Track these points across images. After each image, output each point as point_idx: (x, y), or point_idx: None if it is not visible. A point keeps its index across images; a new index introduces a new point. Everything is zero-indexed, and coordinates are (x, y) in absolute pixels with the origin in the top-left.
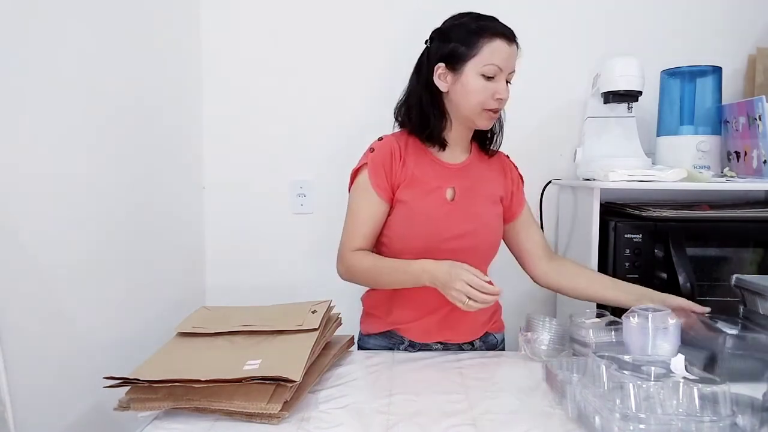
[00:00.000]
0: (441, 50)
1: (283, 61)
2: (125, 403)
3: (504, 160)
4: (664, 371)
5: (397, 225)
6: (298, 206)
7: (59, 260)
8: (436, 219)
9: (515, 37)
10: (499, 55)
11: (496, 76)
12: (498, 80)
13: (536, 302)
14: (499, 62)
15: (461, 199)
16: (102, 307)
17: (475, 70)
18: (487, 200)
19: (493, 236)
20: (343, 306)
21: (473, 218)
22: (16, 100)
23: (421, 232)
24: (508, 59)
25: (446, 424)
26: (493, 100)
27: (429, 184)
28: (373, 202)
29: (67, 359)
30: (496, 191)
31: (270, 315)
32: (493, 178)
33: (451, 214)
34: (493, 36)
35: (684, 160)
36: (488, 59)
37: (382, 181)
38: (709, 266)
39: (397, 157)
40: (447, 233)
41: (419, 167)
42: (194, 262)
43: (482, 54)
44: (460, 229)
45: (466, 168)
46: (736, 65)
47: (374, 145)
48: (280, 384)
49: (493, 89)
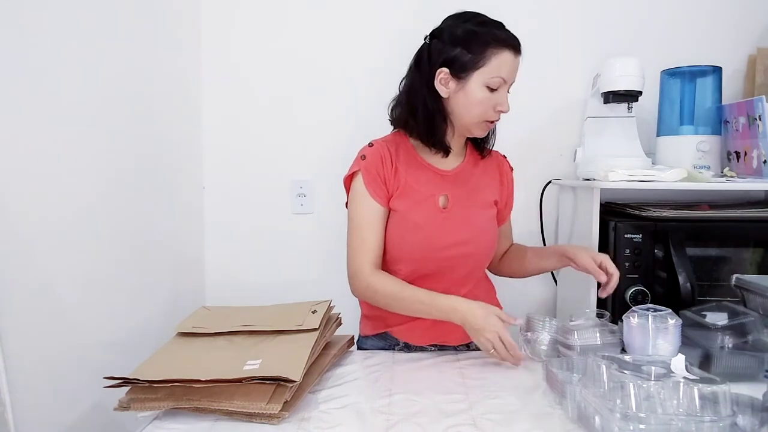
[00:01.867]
0: (444, 54)
1: (283, 61)
2: (125, 403)
3: (501, 163)
4: (665, 371)
5: (391, 233)
6: (298, 206)
7: (59, 260)
8: (429, 228)
9: (521, 47)
10: (506, 68)
11: (499, 88)
12: (501, 91)
13: (536, 302)
14: (506, 75)
15: (454, 207)
16: (102, 307)
17: (480, 81)
18: (480, 205)
19: (489, 241)
20: (343, 306)
21: (467, 225)
22: (15, 100)
23: (415, 241)
24: (513, 71)
25: (446, 424)
26: (494, 111)
27: (421, 192)
28: (374, 211)
29: (67, 359)
30: (490, 196)
31: (270, 315)
32: (487, 183)
33: (445, 222)
34: (503, 47)
35: (684, 160)
36: (496, 71)
37: (379, 187)
38: (709, 266)
39: (389, 164)
40: (441, 242)
41: (411, 174)
42: (194, 262)
43: (490, 65)
44: (455, 237)
45: (459, 174)
46: (736, 65)
47: (365, 152)
48: (280, 384)
49: (495, 101)
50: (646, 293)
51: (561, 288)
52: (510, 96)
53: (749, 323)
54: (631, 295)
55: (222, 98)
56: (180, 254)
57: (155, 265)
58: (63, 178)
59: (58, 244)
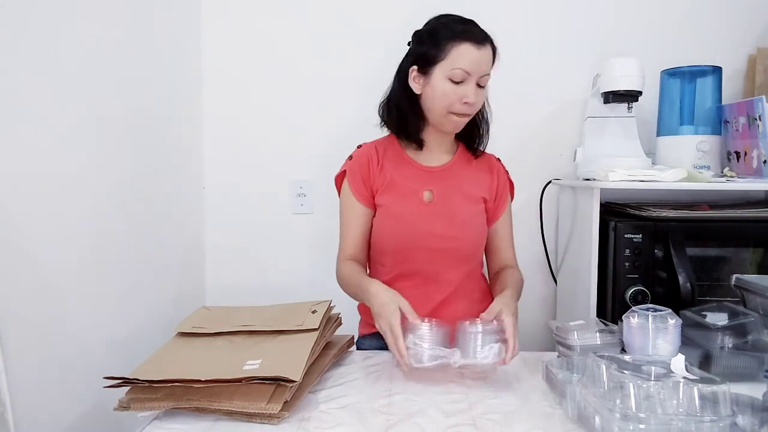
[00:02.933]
0: (414, 53)
1: (283, 61)
2: (125, 403)
3: (493, 163)
4: (665, 371)
5: (376, 227)
6: (298, 206)
7: (59, 260)
8: (411, 220)
9: (488, 40)
10: (466, 60)
11: (464, 81)
12: (468, 84)
13: (536, 301)
14: (466, 66)
15: (439, 201)
16: (102, 306)
17: (442, 74)
18: (467, 200)
19: (475, 236)
20: (343, 306)
21: (451, 219)
22: (15, 100)
23: (397, 232)
24: (477, 63)
25: (446, 424)
26: (460, 104)
27: (406, 186)
28: (356, 209)
29: (67, 359)
30: (478, 192)
31: (270, 315)
32: (477, 179)
33: (428, 215)
34: (461, 40)
35: (684, 160)
36: (455, 63)
37: (361, 187)
38: (709, 266)
39: (375, 162)
40: (423, 234)
41: (397, 171)
42: (194, 262)
43: (449, 58)
44: (437, 230)
45: (447, 170)
46: (736, 65)
47: (353, 153)
48: (280, 384)
49: (461, 93)
50: (646, 293)
51: (561, 288)
52: (510, 96)
53: (749, 323)
54: (631, 295)
55: (222, 98)
56: (180, 254)
57: (155, 265)
58: (63, 178)
59: (59, 245)
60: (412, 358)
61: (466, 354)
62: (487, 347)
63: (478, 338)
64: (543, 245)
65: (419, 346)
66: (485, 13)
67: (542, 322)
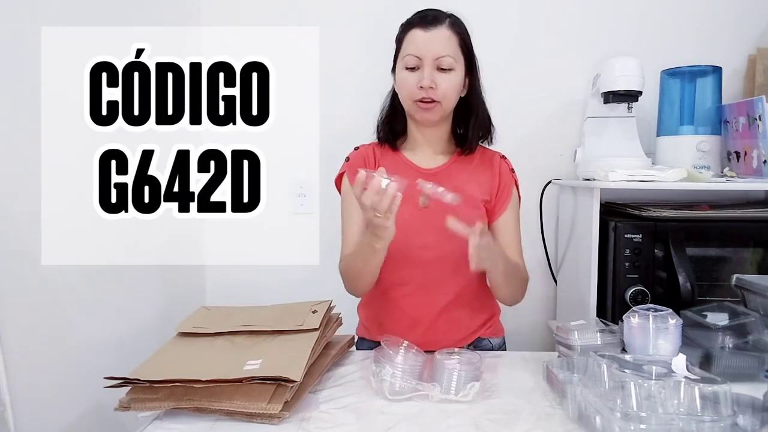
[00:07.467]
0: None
1: (283, 60)
2: (126, 403)
3: (495, 161)
4: (665, 371)
5: None
6: (298, 206)
7: (59, 260)
8: (407, 227)
9: (434, 21)
10: (414, 44)
11: (419, 66)
12: (422, 69)
13: (536, 302)
14: (415, 51)
15: (434, 207)
16: (102, 307)
17: (401, 65)
18: (465, 206)
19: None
20: (343, 306)
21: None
22: (15, 99)
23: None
24: (425, 46)
25: (446, 424)
26: (417, 89)
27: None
28: (357, 208)
29: (67, 359)
30: (478, 194)
31: (270, 315)
32: (477, 180)
33: (423, 222)
34: (410, 27)
35: (684, 160)
36: (406, 50)
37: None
38: (709, 266)
39: (372, 163)
40: (419, 241)
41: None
42: (194, 262)
43: (403, 48)
44: (433, 237)
45: (443, 172)
46: (736, 65)
47: (350, 155)
48: (281, 384)
49: (417, 79)
50: (646, 293)
51: (561, 288)
52: (510, 96)
53: (750, 323)
54: (631, 295)
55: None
56: (180, 254)
57: (155, 265)
58: (63, 178)
59: (58, 245)
60: (388, 390)
61: (446, 390)
62: (469, 385)
63: (457, 375)
64: (543, 245)
65: (396, 377)
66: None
67: (542, 322)
